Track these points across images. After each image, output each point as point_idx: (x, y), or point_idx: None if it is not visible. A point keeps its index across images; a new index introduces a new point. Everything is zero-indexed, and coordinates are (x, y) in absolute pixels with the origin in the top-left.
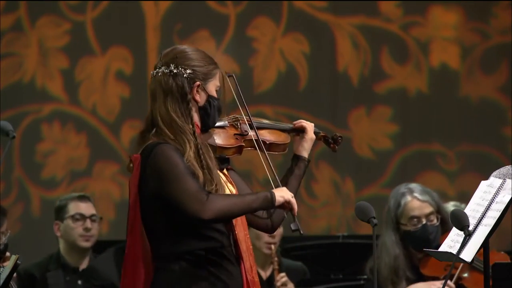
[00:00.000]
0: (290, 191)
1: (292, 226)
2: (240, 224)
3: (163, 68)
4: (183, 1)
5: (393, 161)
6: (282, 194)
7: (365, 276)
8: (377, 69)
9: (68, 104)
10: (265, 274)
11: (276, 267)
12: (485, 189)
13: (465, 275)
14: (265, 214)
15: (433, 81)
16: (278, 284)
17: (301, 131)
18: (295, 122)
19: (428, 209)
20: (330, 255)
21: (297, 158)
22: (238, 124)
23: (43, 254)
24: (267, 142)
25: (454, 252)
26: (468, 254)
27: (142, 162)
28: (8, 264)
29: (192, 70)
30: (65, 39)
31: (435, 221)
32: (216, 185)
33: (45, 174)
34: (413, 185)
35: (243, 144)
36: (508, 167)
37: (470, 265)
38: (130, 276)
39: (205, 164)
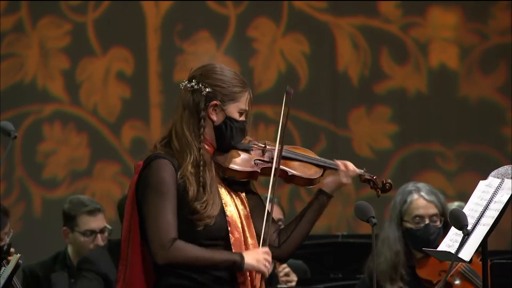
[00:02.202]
0: (305, 223)
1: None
2: (238, 237)
3: (187, 82)
4: (184, 1)
5: (393, 160)
6: (253, 263)
7: (362, 276)
8: (377, 70)
9: (69, 105)
10: None
11: None
12: (483, 189)
13: (457, 282)
14: (276, 243)
15: (432, 81)
16: (281, 274)
17: (335, 169)
18: (336, 162)
19: (433, 210)
20: (330, 254)
21: (320, 192)
22: (265, 150)
23: (44, 253)
24: (289, 173)
25: (453, 251)
26: (466, 254)
27: (140, 171)
28: (10, 264)
29: (213, 89)
30: (66, 40)
31: (438, 223)
32: (204, 202)
33: (46, 174)
34: (421, 185)
35: (259, 171)
36: (506, 167)
37: (462, 274)
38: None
39: (202, 181)
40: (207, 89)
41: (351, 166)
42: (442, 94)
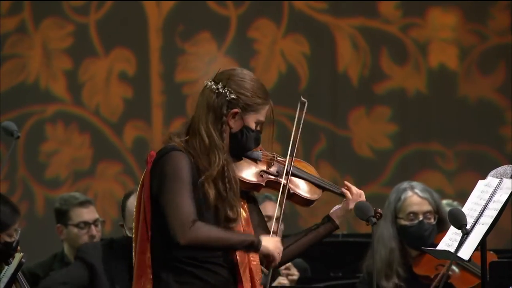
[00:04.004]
0: (303, 243)
1: (261, 281)
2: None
3: (213, 83)
4: (185, 2)
5: (392, 160)
6: (269, 246)
7: (361, 275)
8: (377, 70)
9: (72, 105)
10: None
11: None
12: (482, 188)
13: (455, 269)
14: None
15: (431, 81)
16: (282, 268)
17: (343, 197)
18: (343, 190)
19: (427, 207)
20: (330, 253)
21: (328, 219)
22: (273, 163)
23: (47, 252)
24: (291, 191)
25: (452, 250)
26: (466, 253)
27: (154, 161)
28: (13, 262)
29: (237, 96)
30: (68, 41)
31: (432, 220)
32: (233, 206)
33: (49, 174)
34: (416, 183)
35: (263, 184)
36: (505, 166)
37: (459, 264)
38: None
39: (228, 179)
40: (232, 95)
41: (356, 190)
42: (442, 94)
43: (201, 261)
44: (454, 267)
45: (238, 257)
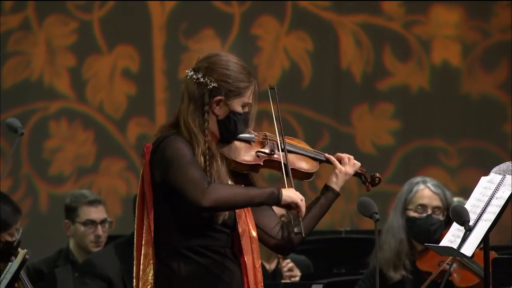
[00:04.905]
0: (310, 219)
1: (296, 229)
2: (243, 222)
3: (193, 72)
4: (189, 0)
5: (395, 157)
6: (290, 194)
7: (364, 271)
8: (380, 67)
9: (75, 102)
10: (269, 267)
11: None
12: (485, 185)
13: (454, 265)
14: (279, 235)
15: (434, 78)
16: (285, 269)
17: (339, 163)
18: (328, 156)
19: (437, 202)
20: (333, 249)
21: (326, 188)
22: (266, 142)
23: (50, 249)
24: (290, 167)
25: (455, 247)
26: (468, 249)
27: (152, 151)
28: (17, 259)
29: (218, 84)
30: (72, 38)
31: (440, 216)
32: None
33: (53, 170)
34: (429, 179)
35: (261, 164)
36: (508, 163)
37: (460, 262)
38: (138, 265)
39: (209, 173)
40: (212, 84)
41: (345, 155)
42: (444, 91)
43: (210, 250)
44: (454, 265)
45: (239, 228)
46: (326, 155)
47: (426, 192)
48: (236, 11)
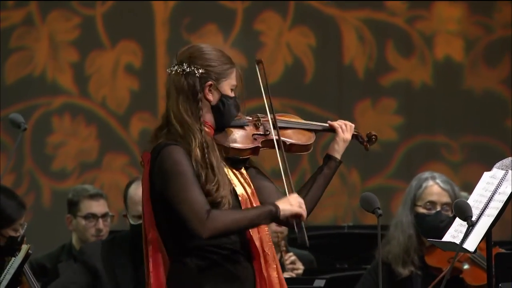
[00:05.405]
0: (316, 189)
1: (298, 239)
2: None
3: (177, 67)
4: None
5: (398, 152)
6: (287, 207)
7: (367, 267)
8: (382, 62)
9: (78, 97)
10: None
11: (284, 248)
12: (488, 180)
13: (466, 267)
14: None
15: (437, 73)
16: (287, 262)
17: (333, 131)
18: (329, 122)
19: (446, 198)
20: (336, 244)
21: (328, 157)
22: (259, 123)
23: (53, 244)
24: (287, 143)
25: (458, 242)
26: (471, 244)
27: (151, 161)
28: (20, 254)
29: (205, 69)
30: (75, 33)
31: (449, 212)
32: (216, 183)
33: (56, 166)
34: (438, 174)
35: (260, 146)
36: (510, 158)
37: (471, 259)
38: (153, 268)
39: (209, 163)
40: (200, 70)
41: (342, 122)
42: (447, 86)
43: (221, 248)
44: (465, 264)
45: (251, 231)
46: (329, 122)
47: (435, 188)
48: (239, 6)
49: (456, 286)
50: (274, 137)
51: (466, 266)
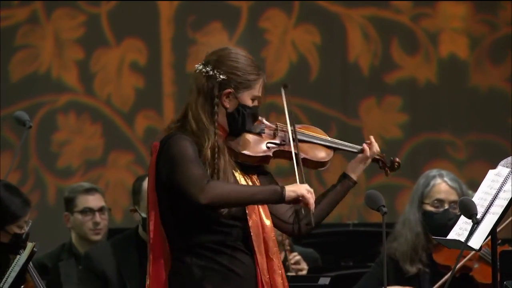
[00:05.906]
0: (325, 205)
1: (305, 221)
2: (254, 212)
3: (202, 66)
4: None
5: (403, 150)
6: (294, 189)
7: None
8: (387, 60)
9: (84, 95)
10: None
11: (288, 247)
12: (492, 178)
13: (476, 266)
14: (291, 220)
15: (442, 71)
16: (292, 262)
17: (361, 152)
18: (364, 145)
19: (454, 196)
20: (341, 242)
21: (343, 176)
22: (277, 133)
23: (58, 242)
24: (301, 157)
25: (463, 240)
26: (476, 242)
27: (159, 150)
28: (25, 252)
29: (227, 76)
30: (80, 31)
31: (457, 210)
32: None
33: (61, 164)
34: (446, 172)
35: (271, 155)
36: None
37: (482, 258)
38: (153, 264)
39: (217, 167)
40: (222, 76)
41: (376, 145)
42: (452, 84)
43: (221, 245)
44: (476, 263)
45: (249, 219)
46: (364, 145)
47: (443, 186)
48: (243, 4)
49: (466, 284)
50: (293, 151)
51: (476, 265)
